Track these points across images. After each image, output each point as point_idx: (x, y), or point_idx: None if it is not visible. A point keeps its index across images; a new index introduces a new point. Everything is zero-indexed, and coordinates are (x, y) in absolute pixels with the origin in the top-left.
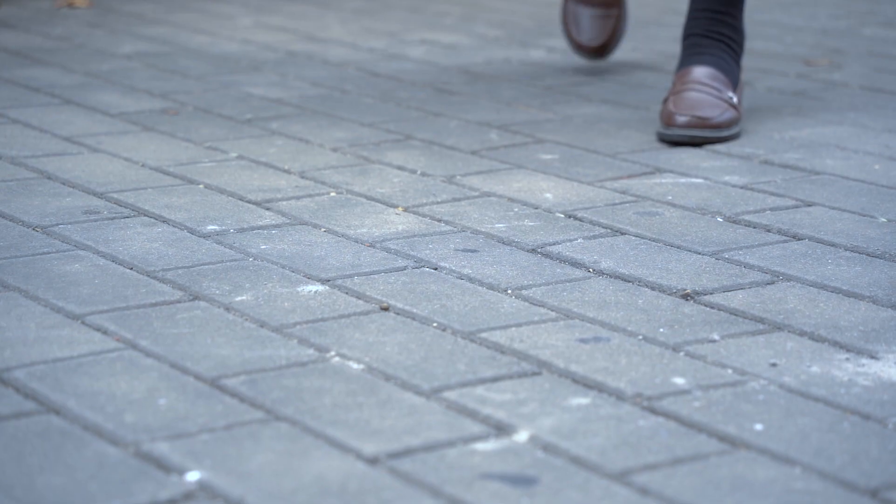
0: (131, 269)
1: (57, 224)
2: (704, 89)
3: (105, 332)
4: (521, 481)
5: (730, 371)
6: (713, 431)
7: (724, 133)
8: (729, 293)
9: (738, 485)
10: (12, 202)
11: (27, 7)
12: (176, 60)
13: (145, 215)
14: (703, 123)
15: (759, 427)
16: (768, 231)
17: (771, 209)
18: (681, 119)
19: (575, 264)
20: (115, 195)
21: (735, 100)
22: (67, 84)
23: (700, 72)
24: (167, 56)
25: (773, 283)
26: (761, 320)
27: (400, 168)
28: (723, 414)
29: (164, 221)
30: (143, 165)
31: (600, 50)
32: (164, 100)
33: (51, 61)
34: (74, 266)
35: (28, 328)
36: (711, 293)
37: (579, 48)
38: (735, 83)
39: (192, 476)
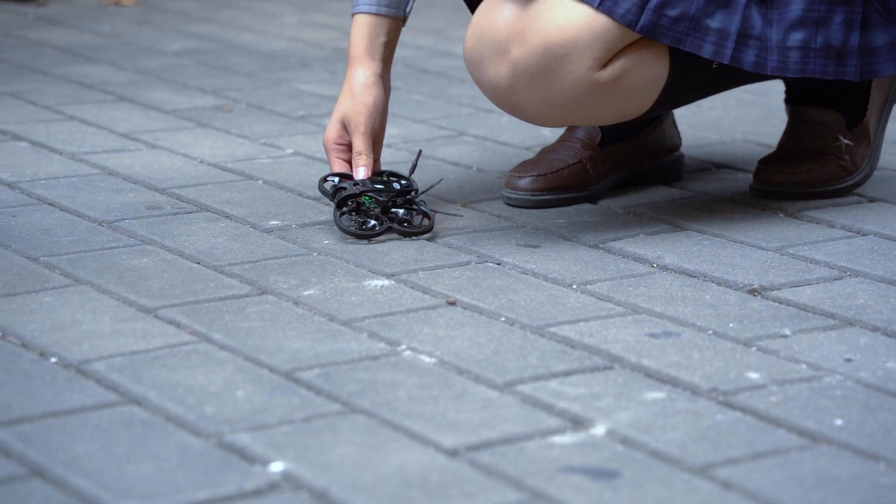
0: (198, 263)
1: (122, 219)
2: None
3: (178, 326)
4: (603, 474)
5: (804, 366)
6: (792, 426)
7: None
8: (797, 288)
9: (823, 480)
10: (76, 197)
11: (74, 4)
12: (225, 58)
13: (207, 210)
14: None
15: (838, 422)
16: (832, 227)
17: (833, 205)
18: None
19: (638, 260)
20: (176, 191)
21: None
22: (120, 81)
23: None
24: (216, 53)
25: (840, 278)
26: (832, 315)
27: (455, 164)
28: (801, 409)
29: (226, 217)
30: (201, 161)
31: None
32: (217, 97)
33: (101, 59)
34: (143, 260)
35: (103, 321)
36: (779, 288)
37: None
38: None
39: (276, 467)
